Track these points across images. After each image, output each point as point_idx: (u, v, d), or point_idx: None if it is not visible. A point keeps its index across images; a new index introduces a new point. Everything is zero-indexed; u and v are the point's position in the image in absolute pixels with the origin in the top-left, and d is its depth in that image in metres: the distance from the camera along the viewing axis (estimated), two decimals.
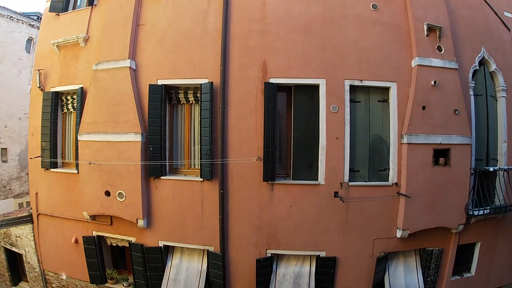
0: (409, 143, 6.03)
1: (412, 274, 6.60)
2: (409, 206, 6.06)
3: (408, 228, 6.09)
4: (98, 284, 7.33)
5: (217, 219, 6.20)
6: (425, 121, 6.11)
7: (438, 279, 6.65)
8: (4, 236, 8.36)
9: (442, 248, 6.49)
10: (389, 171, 6.28)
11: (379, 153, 6.41)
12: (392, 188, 6.19)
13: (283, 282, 6.31)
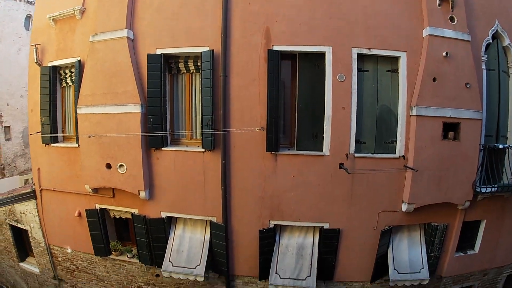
0: (418, 115, 5.83)
1: (416, 248, 6.55)
2: (416, 180, 5.93)
3: (414, 202, 5.99)
4: (102, 256, 7.43)
5: (220, 190, 6.14)
6: (436, 93, 5.89)
7: (441, 254, 6.62)
8: (9, 213, 8.45)
9: (447, 224, 6.41)
10: (396, 144, 6.11)
11: (386, 125, 6.22)
12: (399, 161, 6.04)
13: (286, 253, 6.30)
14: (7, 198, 8.32)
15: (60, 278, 8.35)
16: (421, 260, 6.43)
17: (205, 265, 6.30)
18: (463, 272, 6.93)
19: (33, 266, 8.81)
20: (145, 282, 7.46)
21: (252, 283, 6.87)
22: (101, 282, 7.87)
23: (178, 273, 6.30)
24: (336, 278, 6.71)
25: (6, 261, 9.33)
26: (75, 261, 7.89)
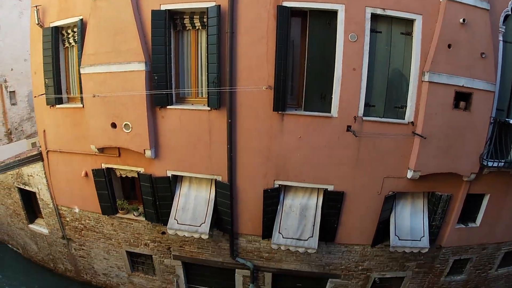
0: (431, 82, 5.65)
1: (418, 216, 6.58)
2: (423, 148, 5.85)
3: (419, 169, 5.95)
4: (109, 215, 7.59)
5: (225, 149, 6.13)
6: (450, 60, 5.67)
7: (443, 224, 6.66)
8: (17, 177, 8.58)
9: (451, 195, 6.39)
10: (406, 109, 5.97)
11: (397, 89, 6.05)
12: (408, 127, 5.93)
13: (290, 213, 6.38)
14: (14, 162, 8.43)
15: (69, 237, 8.60)
16: (422, 228, 6.49)
17: (209, 223, 6.42)
18: (462, 244, 7.01)
19: (42, 227, 9.07)
20: (151, 240, 7.67)
21: (256, 241, 7.03)
22: (109, 240, 8.11)
23: (183, 230, 6.44)
24: (338, 240, 6.84)
25: (15, 223, 9.60)
26: (83, 220, 8.08)
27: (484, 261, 7.43)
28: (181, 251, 7.61)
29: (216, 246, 7.31)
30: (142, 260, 8.39)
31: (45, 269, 9.84)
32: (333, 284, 7.44)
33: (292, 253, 6.88)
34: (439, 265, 7.16)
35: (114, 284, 8.97)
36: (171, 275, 8.12)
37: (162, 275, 8.21)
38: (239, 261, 7.28)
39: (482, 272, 7.58)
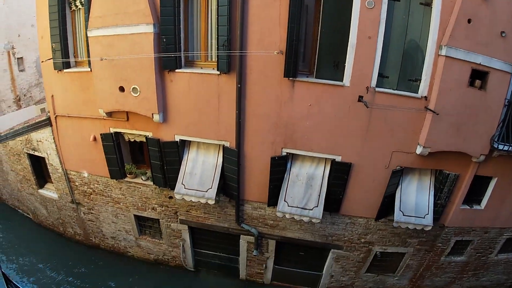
0: (447, 56, 5.42)
1: (424, 193, 6.55)
2: (435, 124, 5.72)
3: (429, 146, 5.85)
4: (118, 179, 7.73)
5: (234, 114, 6.10)
6: (468, 36, 5.40)
7: (448, 204, 6.62)
8: (26, 143, 8.69)
9: (459, 174, 6.30)
10: (420, 83, 5.79)
11: (412, 62, 5.85)
12: (421, 101, 5.77)
13: (296, 181, 6.41)
14: (23, 128, 8.52)
15: (78, 201, 8.82)
16: (427, 206, 6.46)
17: (216, 188, 6.50)
18: (465, 226, 7.00)
19: (51, 192, 9.29)
20: (158, 204, 7.84)
21: (261, 208, 7.14)
22: (117, 204, 8.31)
23: (190, 195, 6.54)
24: (342, 212, 6.90)
25: (25, 189, 9.85)
26: (92, 184, 8.25)
27: (485, 245, 7.46)
28: (188, 215, 7.78)
29: (222, 212, 7.45)
30: (149, 224, 8.63)
31: (55, 233, 10.20)
32: (335, 255, 7.59)
33: (297, 221, 6.98)
34: (441, 244, 7.21)
35: (121, 247, 9.29)
36: (177, 239, 8.38)
37: (169, 239, 8.47)
38: (244, 227, 7.44)
39: (482, 255, 7.63)
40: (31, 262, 9.16)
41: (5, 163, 9.74)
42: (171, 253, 8.80)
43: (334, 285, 8.29)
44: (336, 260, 7.71)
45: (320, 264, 8.06)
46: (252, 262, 8.27)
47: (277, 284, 8.71)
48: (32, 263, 9.13)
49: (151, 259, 9.20)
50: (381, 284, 8.16)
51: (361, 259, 7.61)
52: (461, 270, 7.80)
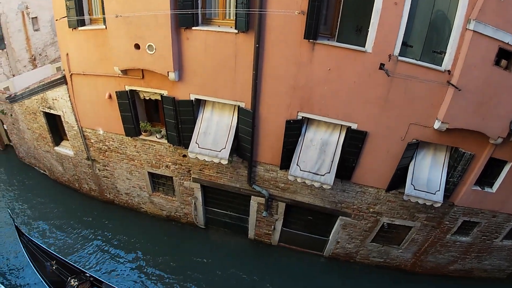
0: (475, 31, 5.12)
1: (437, 169, 6.52)
2: (456, 100, 5.54)
3: (448, 122, 5.72)
4: (132, 136, 7.95)
5: (250, 75, 6.07)
6: (499, 12, 5.03)
7: (460, 182, 6.60)
8: (42, 101, 8.87)
9: (474, 154, 6.20)
10: (444, 56, 5.53)
11: (438, 33, 5.57)
12: (444, 75, 5.56)
13: (310, 146, 6.47)
14: (39, 87, 8.65)
15: (93, 158, 9.17)
16: (439, 182, 6.45)
17: (230, 149, 6.64)
18: (475, 207, 7.01)
19: (67, 149, 9.64)
20: (172, 162, 8.10)
21: (273, 171, 7.32)
22: (131, 161, 8.63)
23: (204, 154, 6.71)
24: (354, 180, 7.00)
25: (42, 147, 10.22)
26: (107, 142, 8.53)
27: (492, 229, 7.50)
28: (201, 174, 8.05)
29: (234, 172, 7.67)
30: (162, 181, 8.98)
31: (71, 189, 10.71)
32: (343, 222, 7.82)
33: (307, 186, 7.15)
34: (448, 222, 7.30)
35: (135, 203, 9.76)
36: (189, 197, 8.74)
37: (181, 196, 8.85)
38: (255, 188, 7.68)
39: (488, 239, 7.71)
40: (47, 217, 9.76)
41: (21, 122, 10.06)
42: (183, 210, 9.22)
43: (340, 251, 8.63)
44: (343, 227, 7.96)
45: (327, 230, 8.35)
46: (261, 223, 8.63)
47: (283, 245, 9.12)
48: (48, 218, 9.73)
49: (164, 215, 9.67)
50: (385, 255, 8.44)
51: (368, 229, 7.83)
52: (465, 251, 7.96)
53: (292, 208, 8.03)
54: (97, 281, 7.13)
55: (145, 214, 9.81)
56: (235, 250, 9.03)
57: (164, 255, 8.67)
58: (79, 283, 6.89)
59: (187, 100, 6.73)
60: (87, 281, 7.01)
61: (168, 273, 8.25)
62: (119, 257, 8.60)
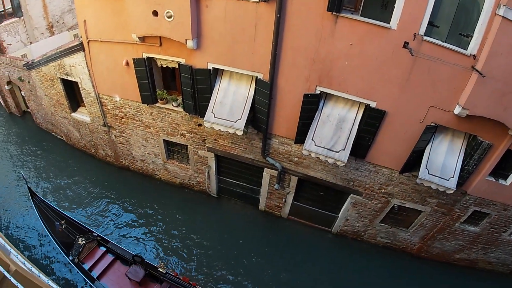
0: (504, 17, 4.83)
1: (453, 156, 6.44)
2: (479, 86, 5.36)
3: (468, 108, 5.58)
4: (149, 104, 8.12)
5: (270, 45, 6.02)
6: None
7: (474, 171, 6.52)
8: (59, 68, 9.03)
9: (492, 144, 6.06)
10: (471, 40, 5.29)
11: (467, 15, 5.30)
12: (469, 59, 5.35)
13: (326, 122, 6.48)
14: (56, 53, 8.76)
15: (110, 125, 9.44)
16: (453, 169, 6.39)
17: (245, 120, 6.72)
18: (487, 198, 6.94)
19: (84, 116, 9.93)
20: (187, 131, 8.30)
21: (288, 144, 7.41)
22: (147, 129, 8.86)
23: (219, 124, 6.82)
24: (368, 159, 7.03)
25: (59, 113, 10.54)
26: (123, 108, 8.74)
27: (501, 222, 7.46)
28: (215, 144, 8.23)
29: (248, 144, 7.81)
30: (177, 150, 9.25)
31: (87, 154, 11.15)
32: (354, 200, 7.96)
33: (321, 162, 7.27)
34: (458, 210, 7.31)
35: (150, 170, 10.13)
36: (203, 166, 9.01)
37: (195, 165, 9.13)
38: (268, 160, 7.82)
39: (496, 232, 7.68)
40: (63, 180, 10.27)
41: (38, 88, 10.34)
42: (196, 178, 9.54)
43: (348, 229, 8.85)
44: (354, 206, 8.11)
45: (337, 207, 8.55)
46: (272, 195, 8.87)
47: (293, 219, 9.41)
48: (63, 182, 10.24)
49: (177, 182, 10.04)
50: (393, 236, 8.60)
51: (378, 209, 7.95)
52: (472, 241, 8.00)
53: (304, 182, 8.20)
54: (104, 241, 7.61)
55: (159, 181, 10.19)
56: (245, 220, 9.41)
57: (175, 221, 9.13)
58: (87, 241, 7.38)
59: (205, 69, 6.75)
60: (94, 240, 7.51)
61: (177, 238, 8.73)
62: (131, 221, 9.11)
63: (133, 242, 8.56)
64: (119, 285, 6.98)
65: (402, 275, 8.44)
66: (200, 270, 8.06)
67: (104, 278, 7.08)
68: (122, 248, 7.50)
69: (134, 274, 6.92)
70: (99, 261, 7.32)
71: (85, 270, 7.10)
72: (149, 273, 7.07)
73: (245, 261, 8.32)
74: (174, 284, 6.93)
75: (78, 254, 7.22)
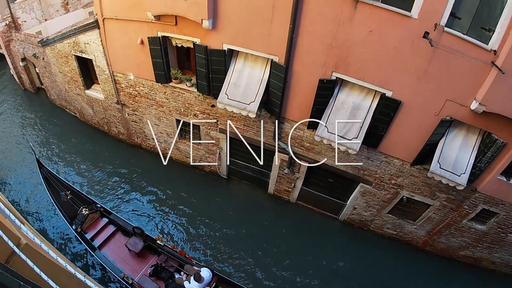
0: None
1: (466, 152, 6.35)
2: (497, 83, 5.21)
3: (485, 104, 5.46)
4: (163, 83, 8.22)
5: (287, 28, 5.96)
6: None
7: (486, 169, 6.42)
8: (74, 45, 9.16)
9: (506, 143, 5.93)
10: (492, 34, 5.13)
11: (489, 9, 5.12)
12: (489, 54, 5.20)
13: (340, 109, 6.47)
14: (71, 31, 8.87)
15: (123, 103, 9.62)
16: (465, 165, 6.32)
17: (259, 103, 6.75)
18: (496, 197, 6.86)
19: (98, 93, 10.13)
20: (200, 111, 8.42)
21: (300, 129, 7.45)
22: (160, 108, 9.02)
23: (233, 106, 6.88)
24: (380, 149, 7.02)
25: (73, 90, 10.76)
26: (137, 87, 8.88)
27: (509, 222, 7.37)
28: (227, 125, 8.29)
29: (261, 127, 7.85)
30: (189, 129, 9.29)
31: (100, 131, 11.44)
32: (363, 189, 8.01)
33: (332, 149, 7.31)
34: (467, 207, 7.27)
35: (161, 149, 10.33)
36: (214, 147, 9.16)
37: (207, 145, 9.28)
38: (280, 145, 7.89)
39: (503, 232, 7.61)
40: (75, 155, 10.64)
41: (53, 65, 10.53)
42: (207, 159, 9.73)
43: (355, 217, 8.95)
44: (363, 195, 8.17)
45: (346, 195, 8.61)
46: (282, 179, 8.99)
47: (301, 204, 9.55)
48: (76, 156, 10.60)
49: (188, 162, 10.21)
50: (399, 228, 8.66)
51: (387, 200, 7.99)
52: (478, 239, 7.97)
53: (314, 168, 8.22)
54: (107, 212, 7.94)
55: (170, 160, 10.39)
56: (253, 202, 9.63)
57: (183, 200, 9.41)
58: (90, 212, 7.71)
59: (220, 50, 6.77)
60: (97, 211, 7.82)
61: (185, 217, 9.02)
62: (140, 197, 9.44)
63: (140, 217, 8.90)
64: (118, 255, 7.26)
65: (406, 267, 8.56)
66: (204, 249, 8.36)
67: (104, 248, 7.41)
68: (123, 220, 7.81)
69: (133, 245, 7.16)
70: (101, 231, 7.63)
71: (87, 240, 7.38)
72: (148, 245, 7.31)
73: (249, 243, 8.56)
74: (170, 256, 7.16)
75: (81, 223, 7.51)
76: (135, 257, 7.24)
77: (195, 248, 8.36)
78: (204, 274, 6.10)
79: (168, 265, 7.03)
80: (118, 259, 7.17)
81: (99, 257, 7.09)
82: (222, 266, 8.03)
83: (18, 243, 3.00)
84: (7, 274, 1.62)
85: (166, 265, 7.01)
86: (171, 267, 7.01)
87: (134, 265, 7.10)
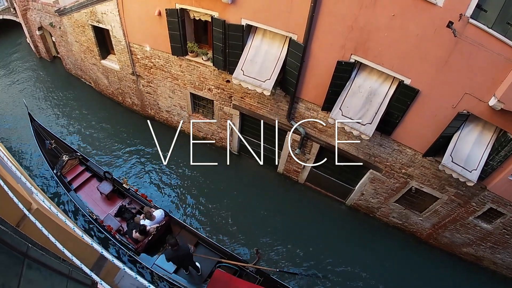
0: None
1: (480, 148, 6.32)
2: None
3: (504, 102, 5.39)
4: (179, 56, 8.34)
5: (308, 6, 5.93)
6: None
7: (498, 168, 6.41)
8: (91, 15, 9.26)
9: None
10: None
11: None
12: None
13: (356, 93, 6.50)
14: (88, 0, 8.91)
15: (138, 74, 9.83)
16: (478, 161, 6.31)
17: (274, 81, 6.81)
18: (505, 197, 6.85)
19: (113, 63, 10.33)
20: (215, 86, 8.56)
21: (314, 110, 7.54)
22: (175, 81, 9.20)
23: (248, 83, 6.96)
24: (393, 137, 7.08)
25: (89, 59, 10.98)
26: (153, 59, 9.03)
27: None
28: (241, 102, 8.47)
29: (275, 105, 7.99)
30: (203, 104, 9.60)
31: (114, 101, 11.77)
32: (372, 176, 8.14)
33: (346, 133, 7.39)
34: (475, 204, 7.31)
35: (174, 122, 10.62)
36: (227, 122, 9.33)
37: (220, 120, 9.49)
38: (293, 124, 8.00)
39: (508, 233, 7.64)
40: (89, 123, 11.04)
41: (69, 34, 10.72)
42: (219, 134, 9.96)
43: (362, 203, 9.13)
44: (372, 181, 8.30)
45: (354, 180, 8.77)
46: (292, 159, 9.14)
47: (309, 185, 9.78)
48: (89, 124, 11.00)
49: (200, 136, 10.53)
50: (405, 218, 8.80)
51: (395, 188, 8.10)
52: (482, 238, 8.05)
53: (325, 150, 8.36)
54: (85, 160, 8.86)
55: (183, 133, 10.67)
56: (262, 180, 9.92)
57: (193, 173, 9.72)
58: (70, 158, 8.62)
59: (238, 25, 6.80)
60: (76, 158, 8.74)
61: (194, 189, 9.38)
62: (151, 168, 9.83)
63: (150, 186, 9.34)
64: (91, 197, 8.30)
65: (408, 257, 8.79)
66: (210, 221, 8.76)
67: (80, 191, 8.41)
68: (98, 166, 8.83)
69: (103, 188, 8.16)
70: (78, 176, 8.61)
71: (65, 182, 8.35)
72: (117, 189, 8.30)
73: (255, 221, 8.89)
74: (134, 199, 8.17)
75: (61, 168, 8.44)
76: (105, 199, 8.25)
77: (201, 219, 8.75)
78: (156, 213, 7.23)
79: (131, 207, 8.08)
80: (90, 201, 8.20)
81: (73, 197, 8.10)
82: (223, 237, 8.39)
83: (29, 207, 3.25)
84: (16, 236, 1.79)
85: (129, 207, 8.08)
86: (133, 209, 8.06)
87: (103, 207, 8.13)
